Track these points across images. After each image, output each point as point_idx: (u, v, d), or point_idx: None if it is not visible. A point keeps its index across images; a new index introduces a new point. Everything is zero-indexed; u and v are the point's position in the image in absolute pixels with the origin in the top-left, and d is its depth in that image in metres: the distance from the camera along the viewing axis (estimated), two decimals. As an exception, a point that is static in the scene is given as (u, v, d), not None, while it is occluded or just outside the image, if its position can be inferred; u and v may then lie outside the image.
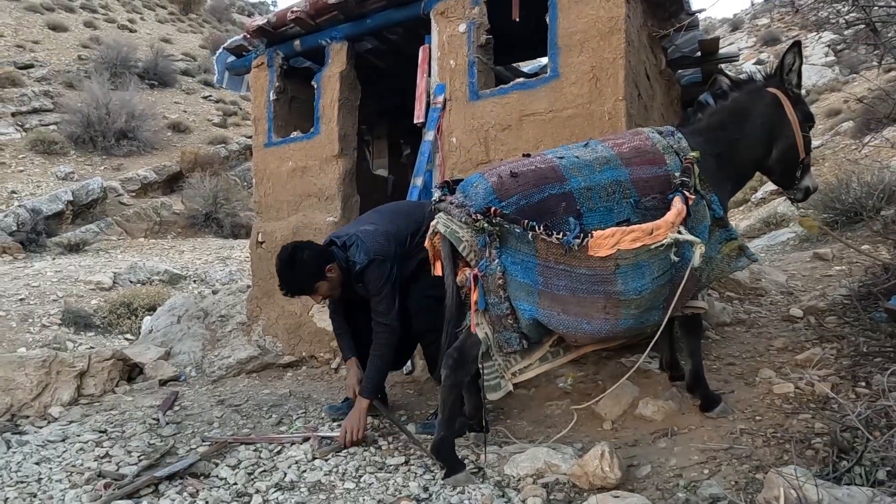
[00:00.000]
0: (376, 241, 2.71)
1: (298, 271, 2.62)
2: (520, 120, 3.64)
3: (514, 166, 2.22)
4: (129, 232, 14.21)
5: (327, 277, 2.65)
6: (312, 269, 2.62)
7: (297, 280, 2.63)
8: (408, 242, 2.80)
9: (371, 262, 2.63)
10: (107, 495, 2.04)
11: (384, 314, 2.63)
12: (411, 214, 2.94)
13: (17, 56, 18.45)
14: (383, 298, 2.63)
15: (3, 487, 2.17)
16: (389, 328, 2.64)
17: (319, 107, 4.43)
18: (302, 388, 3.66)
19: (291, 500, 2.04)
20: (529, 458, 2.18)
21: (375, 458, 2.43)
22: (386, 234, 2.76)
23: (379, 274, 2.63)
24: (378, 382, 2.68)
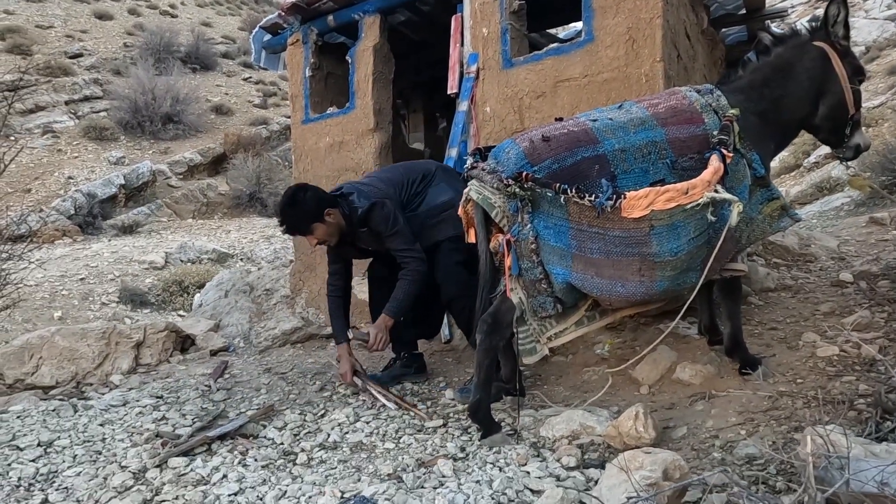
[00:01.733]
0: (375, 186, 2.80)
1: (298, 209, 2.67)
2: (554, 86, 3.58)
3: (546, 131, 2.21)
4: (177, 213, 14.71)
5: (325, 221, 2.69)
6: (312, 210, 2.67)
7: (296, 218, 2.68)
8: (406, 190, 2.87)
9: (373, 205, 2.68)
10: (164, 452, 2.18)
11: (406, 250, 2.70)
12: (408, 167, 3.06)
13: (67, 46, 19.11)
14: (398, 234, 2.69)
15: (73, 446, 2.34)
16: (416, 259, 2.70)
17: (354, 81, 4.46)
18: (344, 357, 3.77)
19: (334, 458, 2.13)
20: (565, 421, 2.21)
21: (414, 421, 2.51)
22: (383, 180, 2.87)
23: (384, 214, 2.68)
24: (404, 306, 2.75)
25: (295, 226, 2.73)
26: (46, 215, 12.38)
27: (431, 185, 2.98)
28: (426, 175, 3.01)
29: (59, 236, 12.40)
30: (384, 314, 2.74)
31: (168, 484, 1.93)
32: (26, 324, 7.00)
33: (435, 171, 3.07)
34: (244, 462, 2.12)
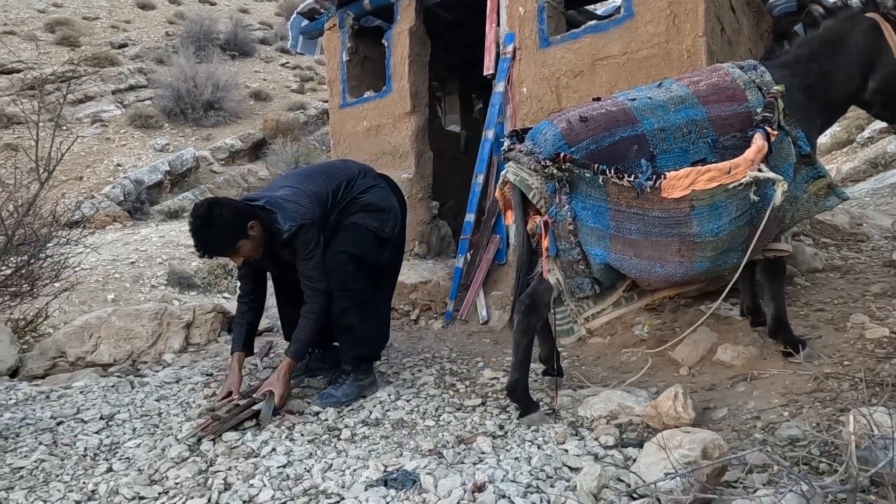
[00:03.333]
0: (300, 204, 2.55)
1: (217, 229, 2.36)
2: (592, 65, 3.53)
3: (583, 111, 2.20)
4: (220, 198, 15.06)
5: (250, 236, 2.45)
6: (233, 226, 2.39)
7: (216, 238, 2.38)
8: (329, 201, 2.66)
9: (300, 228, 2.48)
10: (214, 426, 2.28)
11: (316, 279, 2.53)
12: (329, 172, 2.80)
13: (112, 36, 19.67)
14: (315, 264, 2.52)
15: (132, 419, 2.48)
16: (322, 293, 2.54)
17: (390, 65, 4.49)
18: (383, 337, 3.86)
19: (377, 434, 2.21)
20: (603, 401, 2.22)
21: (454, 400, 2.56)
22: (308, 196, 2.61)
23: (308, 238, 2.49)
24: (307, 345, 2.59)
25: (218, 247, 2.42)
26: (98, 202, 12.91)
27: (358, 190, 2.75)
28: (350, 181, 2.76)
29: (110, 222, 12.91)
30: (287, 357, 2.52)
31: (221, 456, 2.04)
32: (82, 305, 7.35)
33: (357, 175, 2.81)
34: (291, 437, 2.21)
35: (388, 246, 2.80)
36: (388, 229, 2.78)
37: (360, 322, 2.66)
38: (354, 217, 2.71)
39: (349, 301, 2.63)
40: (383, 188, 2.87)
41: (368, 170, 2.93)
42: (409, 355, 3.35)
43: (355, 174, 2.81)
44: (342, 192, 2.71)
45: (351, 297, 2.63)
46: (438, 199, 4.78)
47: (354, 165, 2.93)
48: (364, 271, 2.68)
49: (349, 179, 2.76)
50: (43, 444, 2.17)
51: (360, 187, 2.77)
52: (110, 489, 1.83)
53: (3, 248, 3.24)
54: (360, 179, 2.80)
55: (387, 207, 2.79)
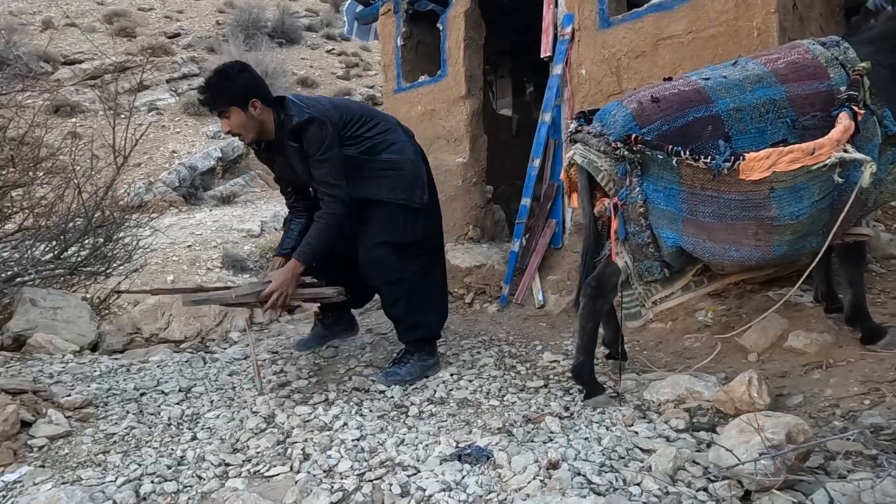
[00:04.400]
0: (319, 104, 2.47)
1: (223, 83, 2.35)
2: (655, 45, 3.45)
3: (655, 91, 2.16)
4: (269, 184, 15.42)
5: (247, 110, 2.36)
6: (238, 90, 2.34)
7: (218, 91, 2.35)
8: (353, 124, 2.54)
9: (312, 120, 2.35)
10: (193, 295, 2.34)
11: (332, 184, 2.39)
12: (369, 109, 2.78)
13: (165, 27, 20.27)
14: (329, 163, 2.37)
15: (208, 392, 2.61)
16: (338, 200, 2.40)
17: (445, 48, 4.49)
18: (439, 319, 3.91)
19: (443, 412, 2.26)
20: (670, 385, 2.21)
21: (516, 381, 2.59)
22: (333, 103, 2.58)
23: (322, 135, 2.35)
24: (316, 249, 2.43)
25: (213, 99, 2.37)
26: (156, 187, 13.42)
27: (386, 135, 2.63)
28: (383, 123, 2.66)
29: (167, 206, 13.41)
30: (294, 258, 2.40)
31: (297, 428, 2.13)
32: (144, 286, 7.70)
33: (394, 126, 2.72)
34: (361, 412, 2.28)
35: (420, 216, 2.67)
36: (418, 199, 2.64)
37: (413, 310, 2.67)
38: (379, 186, 2.57)
39: (397, 293, 2.63)
40: (411, 149, 2.72)
41: (408, 130, 2.82)
42: (466, 337, 3.40)
43: (391, 122, 2.73)
44: (369, 126, 2.59)
45: (398, 288, 2.62)
46: (490, 183, 4.78)
47: (394, 119, 2.83)
48: (406, 255, 2.62)
49: (381, 120, 2.68)
50: (131, 413, 2.31)
51: (387, 136, 2.64)
52: (197, 456, 1.94)
53: (83, 230, 3.44)
54: (392, 130, 2.68)
55: (414, 171, 2.65)
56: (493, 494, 1.53)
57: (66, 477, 1.80)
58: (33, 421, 2.11)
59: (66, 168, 4.24)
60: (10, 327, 3.20)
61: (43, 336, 3.18)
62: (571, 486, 1.51)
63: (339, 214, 2.42)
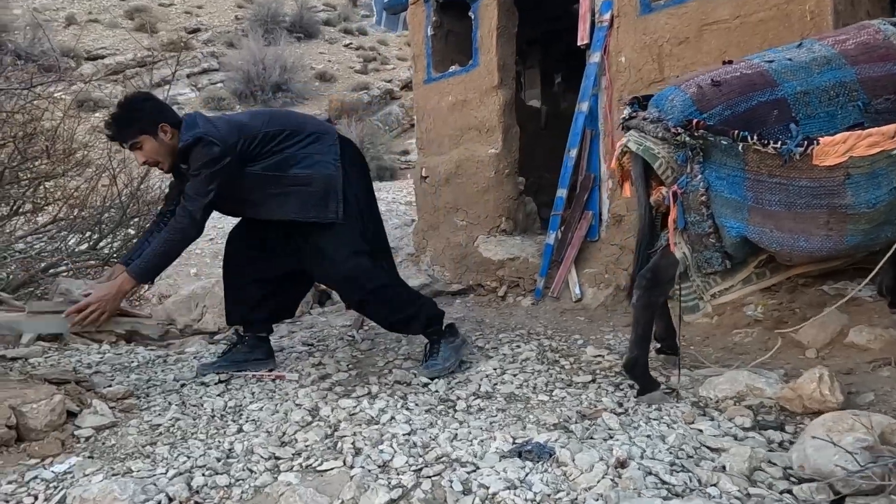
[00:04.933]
0: (214, 125, 2.36)
1: (129, 114, 2.30)
2: (699, 31, 3.34)
3: (715, 74, 2.07)
4: (288, 178, 15.45)
5: (158, 135, 2.31)
6: (144, 117, 2.29)
7: (124, 122, 2.30)
8: (258, 140, 2.41)
9: (198, 140, 2.26)
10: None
11: (192, 198, 2.28)
12: (278, 116, 2.60)
13: (185, 22, 20.39)
14: (200, 180, 2.27)
15: (248, 384, 2.57)
16: (191, 218, 2.30)
17: (477, 37, 4.40)
18: (473, 313, 3.86)
19: (492, 407, 2.19)
20: (728, 381, 2.12)
21: (561, 376, 2.52)
22: (230, 123, 2.42)
23: (203, 154, 2.26)
24: (153, 265, 2.31)
25: (122, 131, 2.31)
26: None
27: (298, 149, 2.49)
28: (297, 136, 2.50)
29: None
30: (127, 272, 2.26)
31: (343, 422, 2.08)
32: (168, 279, 7.71)
33: (313, 137, 2.54)
34: (406, 406, 2.23)
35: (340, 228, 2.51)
36: (332, 213, 2.48)
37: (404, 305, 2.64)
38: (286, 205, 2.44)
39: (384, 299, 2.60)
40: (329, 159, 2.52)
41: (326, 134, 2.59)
42: (503, 331, 3.33)
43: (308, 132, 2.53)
44: (277, 140, 2.45)
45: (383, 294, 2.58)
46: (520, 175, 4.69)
47: (311, 124, 2.64)
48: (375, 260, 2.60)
49: (296, 132, 2.50)
50: (174, 405, 2.28)
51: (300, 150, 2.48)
52: (246, 448, 1.89)
53: (118, 220, 3.42)
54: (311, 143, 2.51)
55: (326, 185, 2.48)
56: (561, 493, 1.47)
57: (115, 468, 1.76)
58: (78, 411, 2.09)
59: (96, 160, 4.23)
60: (48, 318, 3.19)
61: (79, 327, 3.17)
62: (646, 486, 1.44)
63: (186, 230, 2.32)
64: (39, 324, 2.29)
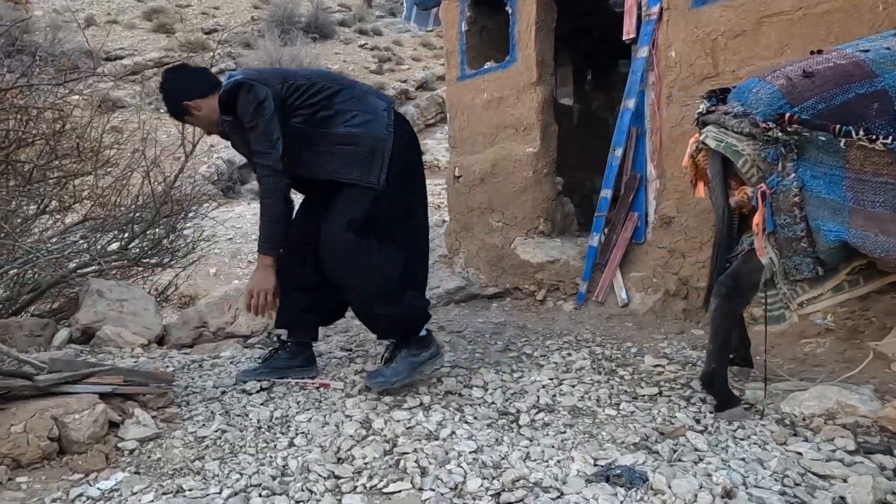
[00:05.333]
0: (257, 72, 2.31)
1: (165, 95, 2.33)
2: (758, 23, 3.17)
3: (805, 65, 1.91)
4: (304, 178, 15.45)
5: (192, 113, 2.30)
6: (175, 99, 2.30)
7: (167, 104, 2.35)
8: (301, 91, 2.28)
9: (239, 85, 2.17)
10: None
11: (263, 153, 2.19)
12: (326, 74, 2.50)
13: (202, 23, 20.43)
14: (258, 131, 2.16)
15: (291, 392, 2.44)
16: (270, 169, 2.20)
17: (515, 33, 4.26)
18: (513, 317, 3.71)
19: (558, 421, 2.05)
20: (816, 397, 1.96)
21: (623, 388, 2.37)
22: (275, 71, 2.38)
23: (248, 99, 2.15)
24: (270, 235, 2.26)
25: (170, 112, 2.38)
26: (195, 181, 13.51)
27: (346, 104, 2.32)
28: (345, 91, 2.34)
29: (207, 200, 13.43)
30: (259, 254, 2.29)
31: (402, 436, 1.94)
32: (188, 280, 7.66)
33: (361, 95, 2.38)
34: (465, 419, 2.09)
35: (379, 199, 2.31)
36: (374, 178, 2.28)
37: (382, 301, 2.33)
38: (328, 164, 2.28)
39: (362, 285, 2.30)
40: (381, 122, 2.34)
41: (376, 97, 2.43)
42: (549, 337, 3.18)
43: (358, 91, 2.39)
44: (325, 94, 2.31)
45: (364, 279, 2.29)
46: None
47: (360, 86, 2.48)
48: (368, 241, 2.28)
49: (344, 88, 2.36)
50: (217, 415, 2.16)
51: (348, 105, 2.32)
52: (301, 465, 1.76)
53: (150, 220, 3.32)
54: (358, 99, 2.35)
55: (374, 146, 2.29)
56: (667, 526, 1.32)
57: (165, 486, 1.64)
58: (120, 422, 1.97)
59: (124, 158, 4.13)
60: (79, 319, 3.10)
61: (111, 329, 3.07)
62: (764, 520, 1.29)
63: (274, 189, 2.22)
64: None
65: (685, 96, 3.43)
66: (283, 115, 2.24)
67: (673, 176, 3.47)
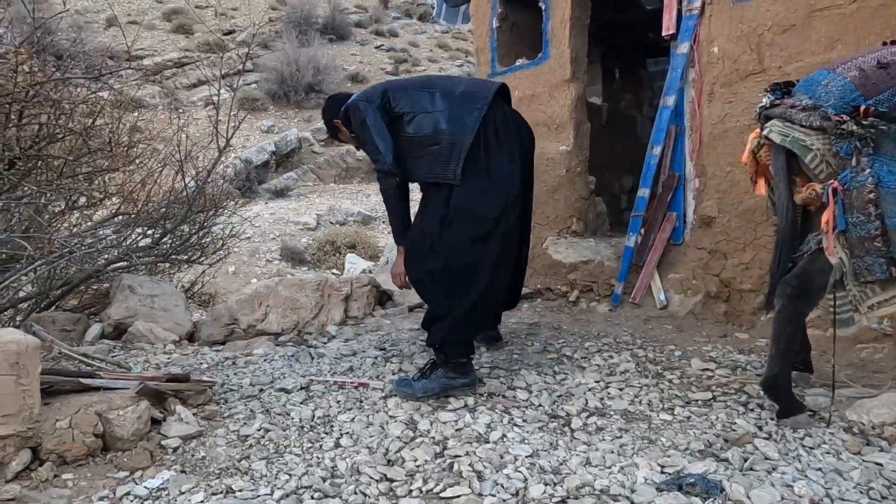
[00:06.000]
0: (370, 88, 2.56)
1: (324, 118, 2.73)
2: (808, 17, 3.07)
3: (879, 56, 1.82)
4: (321, 178, 15.46)
5: (340, 130, 2.64)
6: (328, 120, 2.70)
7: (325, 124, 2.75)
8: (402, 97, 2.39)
9: (347, 110, 2.47)
10: None
11: (375, 161, 2.41)
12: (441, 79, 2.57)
13: (221, 24, 20.57)
14: (368, 144, 2.41)
15: (329, 391, 2.38)
16: (384, 173, 2.40)
17: (548, 29, 4.19)
18: (546, 318, 3.63)
19: (612, 425, 1.97)
20: (886, 405, 1.87)
21: (673, 392, 2.28)
22: (377, 86, 2.56)
23: (357, 118, 2.42)
24: (397, 226, 2.50)
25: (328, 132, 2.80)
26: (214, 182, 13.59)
27: (443, 105, 2.36)
28: (445, 94, 2.38)
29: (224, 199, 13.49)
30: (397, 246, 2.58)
31: (451, 439, 1.87)
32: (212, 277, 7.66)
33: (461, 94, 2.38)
34: (513, 422, 2.02)
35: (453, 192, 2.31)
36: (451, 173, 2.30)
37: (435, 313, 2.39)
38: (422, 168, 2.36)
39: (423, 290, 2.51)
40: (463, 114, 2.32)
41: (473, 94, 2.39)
42: (587, 339, 3.10)
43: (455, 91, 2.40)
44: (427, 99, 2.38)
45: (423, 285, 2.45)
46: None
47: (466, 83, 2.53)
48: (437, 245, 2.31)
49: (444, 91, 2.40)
50: (258, 413, 2.10)
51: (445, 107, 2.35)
52: (350, 467, 1.70)
53: (183, 215, 3.28)
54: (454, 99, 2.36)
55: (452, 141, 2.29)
56: (754, 540, 1.24)
57: (213, 486, 1.58)
58: (162, 418, 1.92)
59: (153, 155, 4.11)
60: (111, 314, 3.07)
61: (143, 325, 3.03)
62: (863, 536, 1.21)
63: (389, 188, 2.45)
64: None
65: (728, 93, 3.33)
66: (390, 124, 2.42)
67: (714, 175, 3.38)
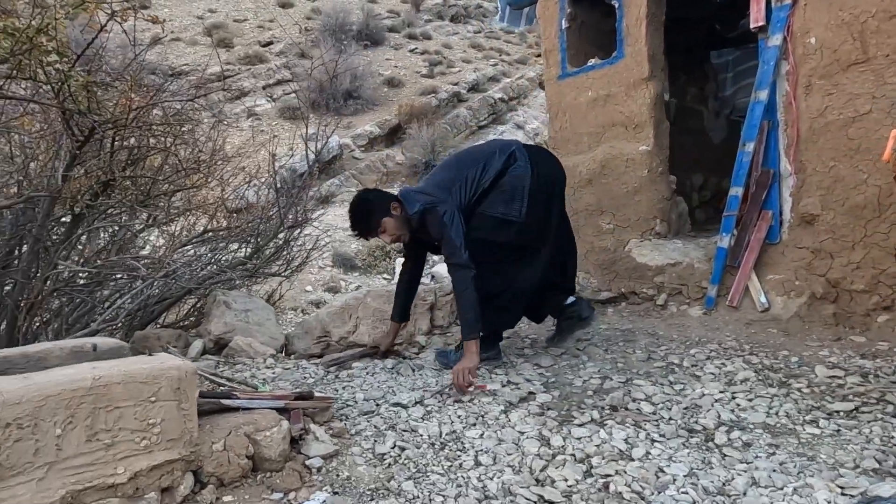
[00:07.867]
0: (426, 192, 2.76)
1: (365, 207, 2.74)
2: (918, 2, 2.92)
3: None
4: (362, 183, 15.59)
5: (392, 214, 2.71)
6: (378, 206, 2.73)
7: (365, 216, 2.73)
8: (463, 187, 2.74)
9: (424, 212, 2.67)
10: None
11: (451, 255, 2.65)
12: (463, 160, 2.90)
13: (259, 35, 20.98)
14: (446, 241, 2.65)
15: (445, 405, 2.35)
16: (459, 267, 2.63)
17: (623, 27, 4.09)
18: (637, 324, 3.54)
19: (759, 441, 1.89)
20: None
21: (809, 402, 2.18)
22: (436, 184, 2.81)
23: (433, 219, 2.66)
24: (468, 320, 2.62)
25: (365, 224, 2.76)
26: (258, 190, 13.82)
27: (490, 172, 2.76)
28: (487, 165, 2.78)
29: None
30: (465, 342, 2.59)
31: (595, 457, 1.82)
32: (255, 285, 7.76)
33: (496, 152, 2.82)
34: (651, 437, 1.95)
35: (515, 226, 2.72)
36: (515, 212, 2.71)
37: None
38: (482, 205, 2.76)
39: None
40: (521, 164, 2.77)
41: (506, 146, 2.86)
42: (689, 345, 3.01)
43: (493, 151, 2.83)
44: (480, 177, 2.77)
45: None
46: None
47: (493, 145, 2.94)
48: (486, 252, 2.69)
49: (486, 162, 2.79)
50: (385, 429, 2.09)
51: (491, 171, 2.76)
52: (501, 488, 1.67)
53: (275, 229, 3.32)
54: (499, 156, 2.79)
55: (514, 185, 2.73)
56: None
57: (373, 510, 1.57)
58: (296, 437, 1.92)
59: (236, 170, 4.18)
60: (212, 330, 3.11)
61: (242, 339, 3.07)
62: None
63: (464, 281, 2.63)
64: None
65: (828, 85, 3.19)
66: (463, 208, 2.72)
67: (815, 171, 3.24)
